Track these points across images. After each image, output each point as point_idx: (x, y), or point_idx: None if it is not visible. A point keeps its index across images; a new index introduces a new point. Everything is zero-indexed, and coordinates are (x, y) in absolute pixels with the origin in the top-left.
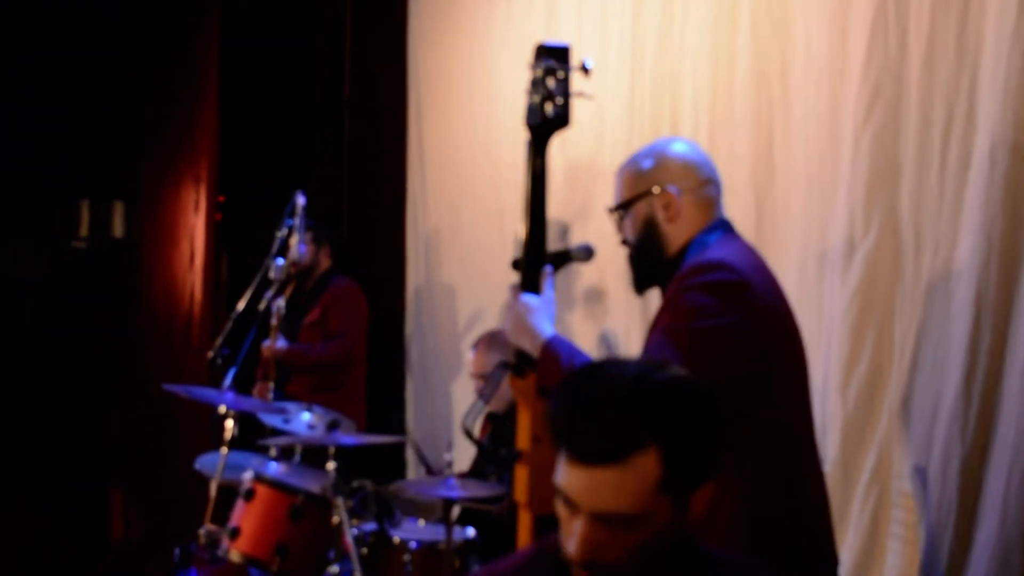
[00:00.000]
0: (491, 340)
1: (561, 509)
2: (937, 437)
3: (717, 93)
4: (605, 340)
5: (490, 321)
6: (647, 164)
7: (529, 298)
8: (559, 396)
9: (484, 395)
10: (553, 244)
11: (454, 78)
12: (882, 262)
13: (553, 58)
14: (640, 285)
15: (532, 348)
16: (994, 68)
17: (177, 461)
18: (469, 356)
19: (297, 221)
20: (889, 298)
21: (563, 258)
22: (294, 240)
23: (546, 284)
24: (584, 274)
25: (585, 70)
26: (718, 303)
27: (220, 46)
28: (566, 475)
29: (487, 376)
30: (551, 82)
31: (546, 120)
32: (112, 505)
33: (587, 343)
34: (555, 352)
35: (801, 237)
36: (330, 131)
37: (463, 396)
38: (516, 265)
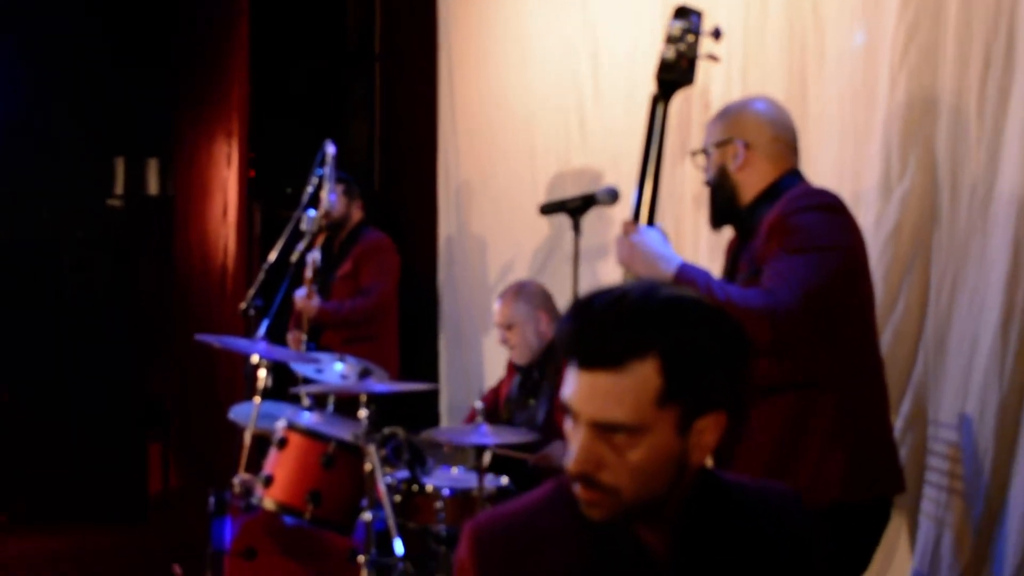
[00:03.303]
0: (518, 290)
1: (567, 424)
2: (974, 381)
3: (749, 33)
4: None
5: (521, 271)
6: (727, 116)
7: (652, 230)
8: (570, 308)
9: None
10: (584, 188)
11: (485, 28)
12: (918, 204)
13: (688, 19)
14: (715, 222)
15: (660, 275)
16: None
17: (215, 413)
18: (495, 306)
19: (327, 171)
20: (925, 240)
21: (589, 201)
22: (325, 190)
23: (656, 229)
24: (616, 221)
25: (716, 35)
26: (829, 218)
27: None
28: (569, 383)
29: None
30: (684, 42)
31: (675, 77)
32: (151, 458)
33: None
34: (692, 276)
35: (835, 179)
36: (362, 83)
37: (495, 346)
38: (544, 210)
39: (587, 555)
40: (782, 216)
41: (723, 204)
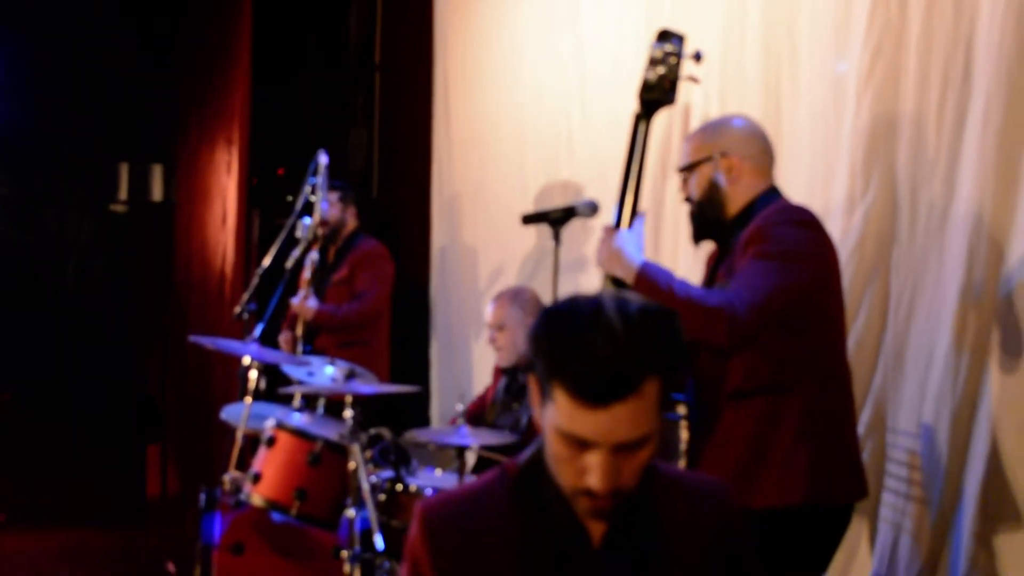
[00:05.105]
0: (514, 296)
1: (562, 448)
2: (930, 391)
3: (728, 55)
4: None
5: (510, 279)
6: (714, 132)
7: (627, 233)
8: (561, 346)
9: None
10: (571, 199)
11: (479, 43)
12: (879, 220)
13: (670, 42)
14: (698, 237)
15: (626, 274)
16: (989, 30)
17: (211, 415)
18: (489, 308)
19: (320, 180)
20: (886, 255)
21: (569, 213)
22: (316, 198)
23: (637, 222)
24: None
25: (697, 58)
26: (804, 234)
27: (253, 10)
28: (576, 418)
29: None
30: (666, 64)
31: (657, 97)
32: (149, 460)
33: None
34: (653, 277)
35: (807, 194)
36: (362, 94)
37: (484, 352)
38: (526, 220)
39: (529, 536)
40: (760, 228)
41: (712, 218)
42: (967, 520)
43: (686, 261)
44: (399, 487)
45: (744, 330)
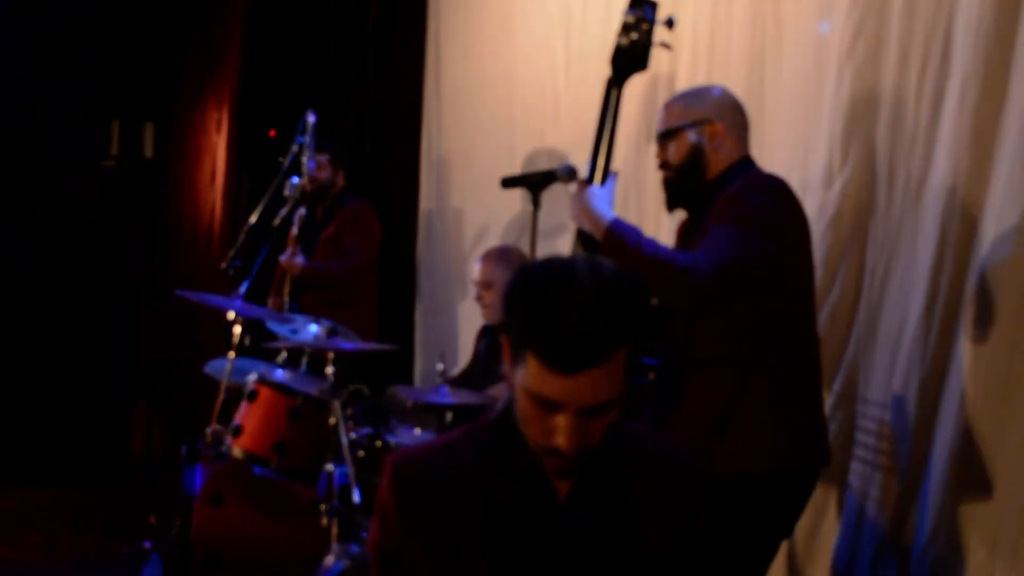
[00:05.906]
0: (502, 254)
1: (530, 408)
2: (900, 363)
3: (716, 24)
4: None
5: (494, 244)
6: (696, 99)
7: (597, 189)
8: (533, 313)
9: None
10: (556, 165)
11: (471, 9)
12: (857, 193)
13: (642, 9)
14: (672, 205)
15: (596, 229)
16: (968, 9)
17: (197, 372)
18: (476, 265)
19: (307, 139)
20: (862, 228)
21: (548, 177)
22: (305, 158)
23: (610, 181)
24: None
25: (669, 24)
26: (777, 203)
27: None
28: (545, 382)
29: None
30: (638, 30)
31: (629, 62)
32: (136, 416)
33: None
34: (621, 234)
35: (786, 167)
36: (356, 56)
37: (468, 315)
38: (506, 183)
39: (496, 490)
40: (733, 194)
41: (689, 184)
42: (933, 488)
43: (669, 228)
44: (379, 444)
45: (707, 290)
